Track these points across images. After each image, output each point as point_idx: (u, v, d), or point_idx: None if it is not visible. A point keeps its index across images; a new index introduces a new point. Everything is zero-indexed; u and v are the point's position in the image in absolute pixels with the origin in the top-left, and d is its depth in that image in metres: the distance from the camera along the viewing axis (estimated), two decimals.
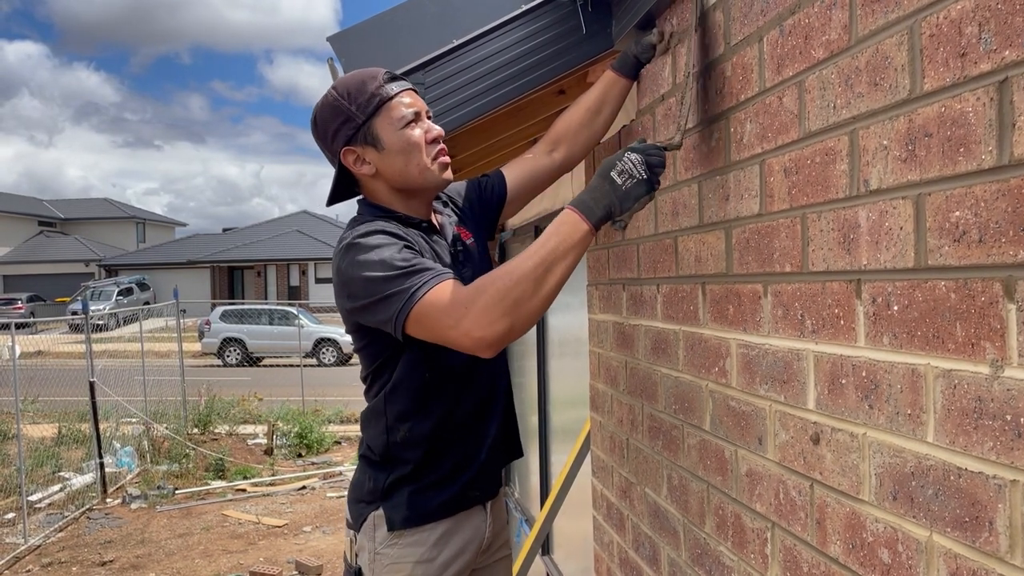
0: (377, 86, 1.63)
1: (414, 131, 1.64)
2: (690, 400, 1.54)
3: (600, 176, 1.43)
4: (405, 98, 1.65)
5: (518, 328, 1.43)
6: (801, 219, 1.12)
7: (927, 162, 0.86)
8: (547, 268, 1.41)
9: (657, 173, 1.43)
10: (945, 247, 0.84)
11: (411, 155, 1.64)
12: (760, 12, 1.23)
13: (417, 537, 1.69)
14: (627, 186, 1.40)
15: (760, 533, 1.26)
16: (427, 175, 1.67)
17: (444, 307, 1.44)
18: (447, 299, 1.45)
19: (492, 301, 1.41)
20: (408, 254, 1.54)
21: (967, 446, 0.81)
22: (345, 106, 1.63)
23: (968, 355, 0.81)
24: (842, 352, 1.03)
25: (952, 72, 0.82)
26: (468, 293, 1.45)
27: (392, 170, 1.66)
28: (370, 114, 1.62)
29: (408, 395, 1.67)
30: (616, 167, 1.41)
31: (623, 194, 1.40)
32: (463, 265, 1.75)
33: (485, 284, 1.44)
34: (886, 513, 0.94)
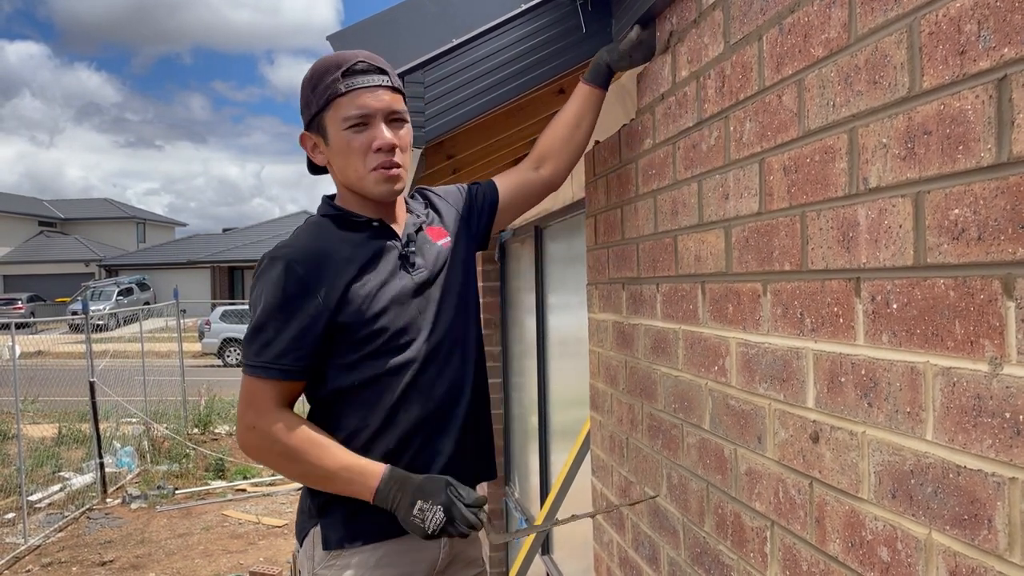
0: (333, 79, 1.55)
1: (358, 135, 1.57)
2: (690, 399, 1.54)
3: (416, 490, 1.53)
4: (362, 97, 1.56)
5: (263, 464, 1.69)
6: (800, 218, 1.12)
7: (926, 160, 0.86)
8: (317, 480, 1.59)
9: (443, 534, 1.53)
10: (944, 245, 0.84)
11: (348, 159, 1.59)
12: (760, 11, 1.23)
13: (356, 559, 1.60)
14: (414, 520, 1.51)
15: (759, 532, 1.26)
16: (363, 184, 1.61)
17: (248, 404, 1.58)
18: (253, 404, 1.58)
19: (265, 447, 1.58)
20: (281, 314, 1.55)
21: (966, 444, 0.81)
22: (307, 91, 1.61)
23: (967, 353, 0.81)
24: (841, 350, 1.03)
25: (951, 70, 0.82)
26: (262, 419, 1.56)
27: (336, 167, 1.64)
28: (321, 106, 1.58)
29: (340, 405, 1.62)
30: (427, 503, 1.52)
31: (406, 520, 1.52)
32: (414, 267, 1.67)
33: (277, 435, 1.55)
34: (885, 511, 0.94)
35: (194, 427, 12.33)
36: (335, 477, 1.55)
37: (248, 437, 1.59)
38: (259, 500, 9.29)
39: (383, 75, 1.60)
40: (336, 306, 1.57)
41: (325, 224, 1.67)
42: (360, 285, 1.59)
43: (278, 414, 1.57)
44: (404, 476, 1.55)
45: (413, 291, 1.65)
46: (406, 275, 1.66)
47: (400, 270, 1.65)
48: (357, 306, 1.58)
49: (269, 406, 1.57)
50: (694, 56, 1.49)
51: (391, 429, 1.61)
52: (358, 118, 1.56)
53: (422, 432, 1.64)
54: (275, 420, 1.56)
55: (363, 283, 1.60)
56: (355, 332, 1.59)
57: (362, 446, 1.60)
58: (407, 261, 1.67)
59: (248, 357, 1.58)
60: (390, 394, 1.61)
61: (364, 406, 1.61)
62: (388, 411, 1.61)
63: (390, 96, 1.60)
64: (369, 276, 1.61)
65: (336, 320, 1.57)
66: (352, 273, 1.59)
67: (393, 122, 1.60)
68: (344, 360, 1.60)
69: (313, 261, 1.58)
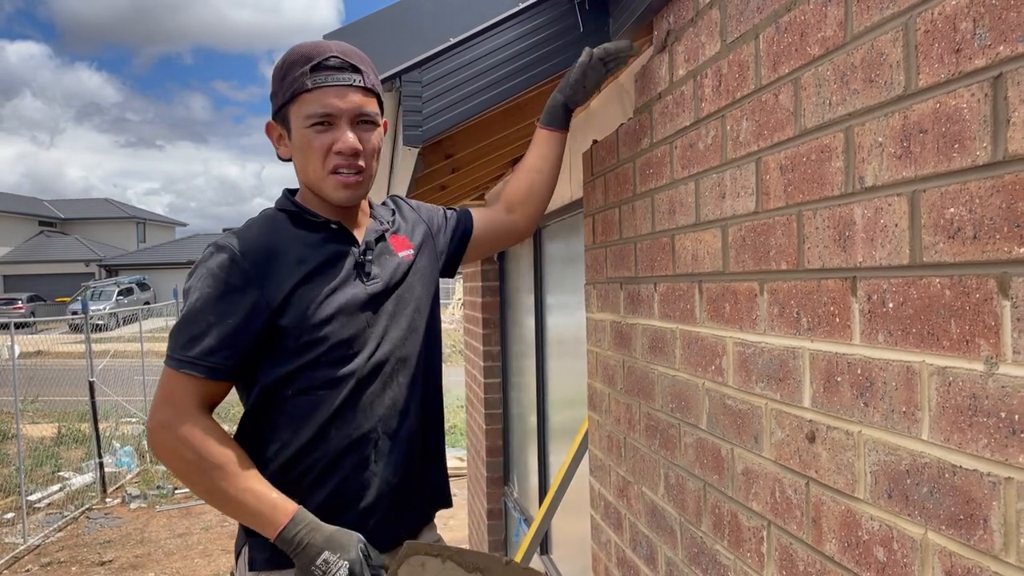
0: (301, 72, 1.47)
1: (320, 134, 1.49)
2: (687, 399, 1.54)
3: (322, 542, 1.42)
4: (328, 96, 1.47)
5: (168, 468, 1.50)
6: (797, 217, 1.12)
7: (922, 159, 0.86)
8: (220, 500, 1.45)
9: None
10: (940, 244, 0.83)
11: (308, 158, 1.51)
12: (756, 9, 1.23)
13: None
14: (313, 572, 1.41)
15: (756, 532, 1.26)
16: (321, 186, 1.53)
17: (165, 400, 1.47)
18: (172, 397, 1.46)
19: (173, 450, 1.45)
20: (215, 308, 1.45)
21: (961, 443, 0.81)
22: (276, 80, 1.53)
23: (962, 352, 0.80)
24: (837, 350, 1.02)
25: (947, 68, 0.82)
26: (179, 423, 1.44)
27: (296, 163, 1.57)
28: (286, 99, 1.50)
29: (272, 415, 1.52)
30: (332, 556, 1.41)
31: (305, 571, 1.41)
32: (368, 276, 1.58)
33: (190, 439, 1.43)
34: (881, 511, 0.94)
35: None
36: (241, 503, 1.44)
37: (159, 435, 1.46)
38: None
39: (356, 73, 1.50)
40: (279, 307, 1.47)
41: (280, 219, 1.57)
42: (308, 288, 1.50)
43: (197, 417, 1.45)
44: (315, 522, 1.44)
45: (364, 302, 1.56)
46: (359, 284, 1.56)
47: (353, 279, 1.56)
48: (302, 310, 1.49)
49: (189, 406, 1.45)
50: (691, 55, 1.49)
51: (322, 445, 1.52)
52: (321, 117, 1.48)
53: (356, 452, 1.54)
54: (193, 423, 1.44)
55: (311, 287, 1.50)
56: (295, 338, 1.49)
57: (289, 459, 1.51)
58: (362, 270, 1.58)
59: (174, 349, 1.47)
60: (325, 408, 1.51)
61: (296, 418, 1.51)
62: (320, 426, 1.51)
63: (360, 97, 1.51)
64: (319, 280, 1.51)
65: (277, 323, 1.48)
66: (301, 275, 1.50)
67: (361, 124, 1.52)
68: (280, 367, 1.50)
69: (261, 256, 1.48)
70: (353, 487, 1.54)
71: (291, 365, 1.50)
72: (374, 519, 1.56)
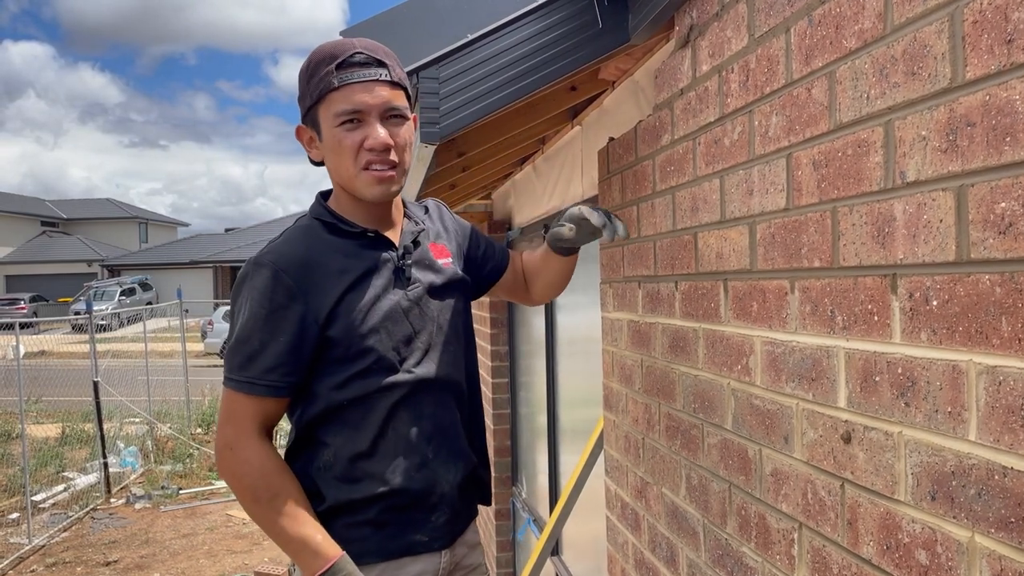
0: (327, 71, 1.45)
1: (350, 132, 1.46)
2: (710, 399, 1.52)
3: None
4: (356, 92, 1.45)
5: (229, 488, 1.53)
6: (832, 213, 1.10)
7: (970, 152, 0.84)
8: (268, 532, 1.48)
9: None
10: (990, 240, 0.81)
11: (340, 157, 1.49)
12: (787, 2, 1.21)
13: None
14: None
15: (786, 534, 1.24)
16: (354, 184, 1.51)
17: (228, 422, 1.49)
18: (234, 418, 1.48)
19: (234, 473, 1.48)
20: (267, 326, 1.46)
21: (1013, 444, 0.79)
22: (303, 82, 1.51)
23: (1014, 351, 0.78)
24: (876, 349, 1.00)
25: (997, 59, 0.80)
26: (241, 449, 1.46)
27: (328, 164, 1.54)
28: (314, 100, 1.48)
29: (327, 424, 1.53)
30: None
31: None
32: (409, 281, 1.57)
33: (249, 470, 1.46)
34: (924, 513, 0.92)
35: (197, 427, 12.31)
36: (289, 537, 1.46)
37: (224, 456, 1.48)
38: None
39: (382, 68, 1.48)
40: (326, 319, 1.47)
41: (316, 228, 1.56)
42: (353, 298, 1.50)
43: (257, 441, 1.48)
44: (354, 570, 1.45)
45: (408, 308, 1.56)
46: (400, 291, 1.56)
47: (395, 285, 1.55)
48: (349, 320, 1.48)
49: (250, 428, 1.48)
50: (716, 50, 1.47)
51: (380, 450, 1.52)
52: (350, 114, 1.45)
53: (414, 454, 1.55)
54: (253, 448, 1.47)
55: (355, 296, 1.50)
56: (345, 348, 1.49)
57: (347, 467, 1.52)
58: (402, 275, 1.57)
59: (231, 371, 1.48)
60: (379, 413, 1.52)
61: (351, 426, 1.52)
62: (378, 431, 1.52)
63: (388, 91, 1.48)
64: (362, 289, 1.51)
65: (326, 334, 1.48)
66: (345, 285, 1.50)
67: (391, 119, 1.49)
68: (332, 377, 1.50)
69: (303, 270, 1.48)
70: (416, 487, 1.55)
71: (343, 375, 1.50)
72: (438, 516, 1.57)
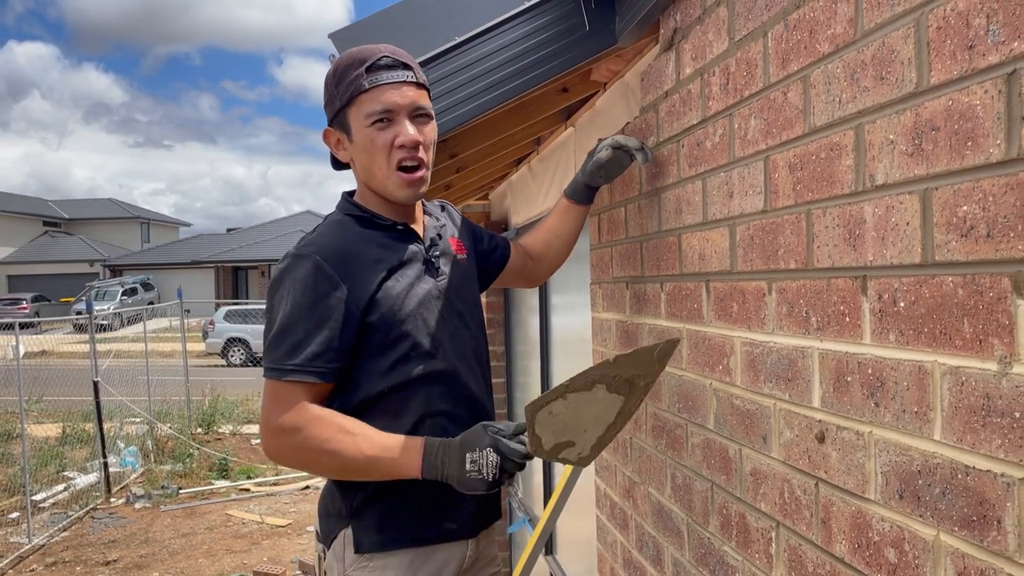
0: (357, 74, 1.53)
1: (382, 131, 1.53)
2: (694, 399, 1.53)
3: (460, 447, 1.48)
4: (386, 93, 1.52)
5: (298, 470, 1.53)
6: (806, 215, 1.11)
7: (934, 156, 0.85)
8: (358, 470, 1.50)
9: (506, 478, 1.48)
10: (952, 242, 0.83)
11: (372, 156, 1.56)
12: (765, 7, 1.22)
13: (387, 561, 1.56)
14: (471, 476, 1.45)
15: (765, 532, 1.25)
16: (386, 184, 1.57)
17: (278, 410, 1.49)
18: (286, 409, 1.48)
19: (299, 450, 1.49)
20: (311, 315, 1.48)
21: (975, 444, 0.80)
22: (331, 86, 1.58)
23: (976, 352, 0.80)
24: (847, 349, 1.02)
25: (960, 65, 0.81)
26: (297, 423, 1.47)
27: (359, 165, 1.61)
28: (345, 102, 1.55)
29: (367, 414, 1.55)
30: (474, 453, 1.46)
31: (464, 480, 1.46)
32: (438, 272, 1.65)
33: (313, 431, 1.47)
34: (892, 512, 0.93)
35: (198, 427, 12.33)
36: (377, 461, 1.48)
37: (277, 442, 1.50)
38: (263, 500, 9.28)
39: (408, 70, 1.56)
40: (366, 307, 1.53)
41: (348, 223, 1.62)
42: (390, 286, 1.55)
43: (308, 411, 1.49)
44: (443, 440, 1.50)
45: (438, 297, 1.62)
46: (431, 280, 1.63)
47: (425, 275, 1.62)
48: (388, 307, 1.54)
49: (285, 412, 1.49)
50: (698, 53, 1.48)
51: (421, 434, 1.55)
52: (381, 114, 1.53)
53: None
54: (306, 418, 1.48)
55: (392, 284, 1.56)
56: (384, 334, 1.54)
57: None
58: (431, 266, 1.64)
59: (275, 360, 1.50)
60: (420, 401, 1.57)
61: (392, 413, 1.56)
62: (418, 418, 1.57)
63: (415, 92, 1.56)
64: (397, 277, 1.57)
65: (366, 321, 1.53)
66: (381, 273, 1.55)
67: (418, 117, 1.57)
68: (372, 364, 1.55)
69: (341, 259, 1.53)
70: None
71: (383, 362, 1.55)
72: (468, 504, 1.61)
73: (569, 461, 1.49)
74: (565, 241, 1.95)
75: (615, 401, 1.44)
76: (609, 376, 1.41)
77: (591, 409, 1.44)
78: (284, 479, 10.19)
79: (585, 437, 1.47)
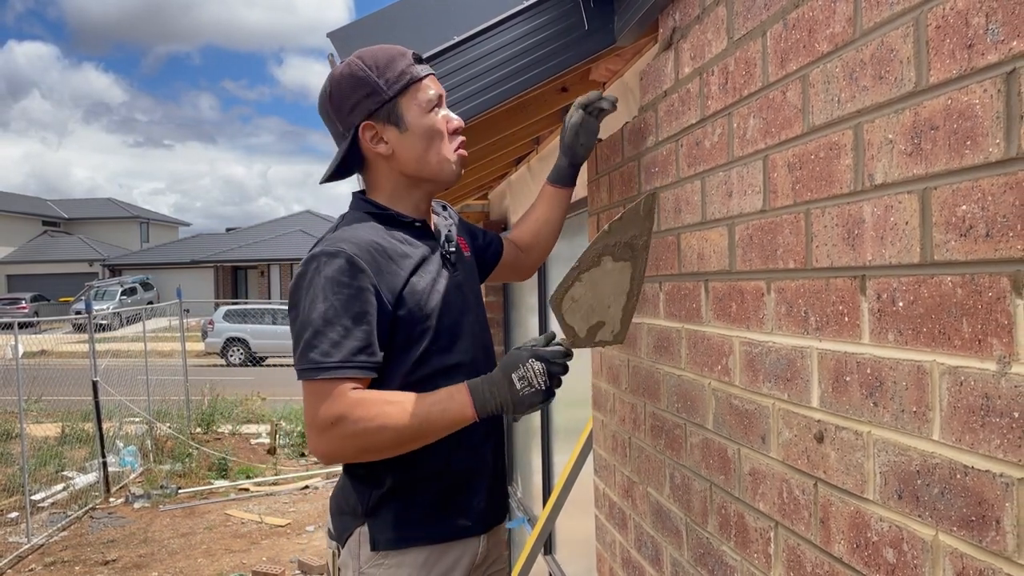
0: (408, 64, 1.60)
1: (438, 116, 1.62)
2: (692, 399, 1.53)
3: (502, 371, 1.49)
4: (434, 82, 1.64)
5: (356, 460, 1.53)
6: (805, 215, 1.11)
7: (933, 156, 0.85)
8: (415, 437, 1.49)
9: (557, 383, 1.49)
10: (951, 242, 0.82)
11: (432, 141, 1.62)
12: (764, 6, 1.22)
13: (402, 559, 1.58)
14: (524, 393, 1.47)
15: (763, 532, 1.25)
16: (444, 167, 1.64)
17: (321, 407, 1.46)
18: (329, 403, 1.46)
19: (353, 436, 1.46)
20: (344, 310, 1.47)
21: (974, 444, 0.80)
22: (372, 79, 1.58)
23: (975, 352, 0.79)
24: (846, 349, 1.01)
25: (959, 64, 0.81)
26: (343, 412, 1.45)
27: (409, 154, 1.62)
28: (398, 91, 1.58)
29: None
30: (519, 370, 1.47)
31: (519, 400, 1.47)
32: (455, 268, 1.70)
33: (359, 416, 1.45)
34: (891, 512, 0.93)
35: (197, 426, 12.34)
36: (429, 420, 1.47)
37: (327, 439, 1.47)
38: (262, 500, 9.29)
39: (429, 67, 1.67)
40: (396, 301, 1.55)
41: (369, 220, 1.63)
42: (416, 280, 1.58)
43: (347, 397, 1.47)
44: (484, 376, 1.52)
45: (455, 291, 1.67)
46: (448, 275, 1.67)
47: (443, 270, 1.66)
48: (415, 301, 1.57)
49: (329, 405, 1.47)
50: (697, 52, 1.48)
51: None
52: (436, 100, 1.62)
53: (471, 437, 1.62)
54: (347, 404, 1.46)
55: (418, 279, 1.59)
56: (411, 327, 1.57)
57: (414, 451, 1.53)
58: (448, 262, 1.69)
59: (314, 360, 1.47)
60: None
61: None
62: None
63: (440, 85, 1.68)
64: (421, 272, 1.61)
65: (396, 314, 1.55)
66: (408, 269, 1.58)
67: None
68: (400, 357, 1.57)
69: (372, 255, 1.53)
70: (473, 470, 1.65)
71: (410, 356, 1.57)
72: (479, 500, 1.66)
73: (606, 342, 1.54)
74: (552, 228, 1.99)
75: (624, 268, 1.52)
76: (610, 246, 1.49)
77: (606, 283, 1.51)
78: (283, 479, 10.20)
79: (611, 313, 1.53)
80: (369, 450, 1.50)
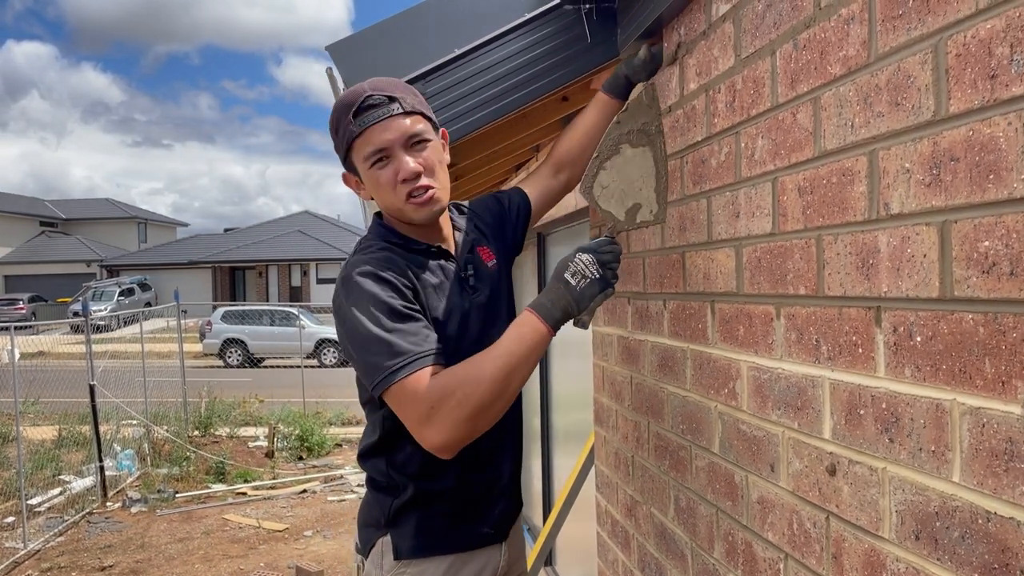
0: (347, 121, 1.55)
1: (383, 170, 1.55)
2: (698, 421, 1.50)
3: (555, 278, 1.48)
4: (375, 133, 1.53)
5: (479, 431, 1.46)
6: (816, 241, 1.08)
7: (953, 188, 0.82)
8: (509, 373, 1.45)
9: (613, 269, 1.47)
10: (973, 278, 0.79)
11: (381, 194, 1.58)
12: (773, 25, 1.19)
13: (424, 567, 1.61)
14: (581, 287, 1.45)
15: (772, 563, 1.22)
16: (403, 214, 1.60)
17: (414, 402, 1.43)
18: (419, 394, 1.43)
19: (456, 407, 1.41)
20: (394, 316, 1.47)
21: (996, 489, 0.77)
22: (333, 135, 1.62)
23: (998, 393, 0.76)
24: (860, 382, 0.98)
25: (981, 94, 0.78)
26: (436, 393, 1.42)
27: (377, 201, 1.63)
28: (346, 150, 1.59)
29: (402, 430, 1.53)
30: (569, 268, 1.46)
31: (578, 295, 1.46)
32: (474, 290, 1.68)
33: (452, 386, 1.42)
34: (908, 553, 0.90)
35: (195, 429, 12.28)
36: (513, 357, 1.44)
37: (435, 427, 1.43)
38: (259, 504, 9.24)
39: (393, 103, 1.54)
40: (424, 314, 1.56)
41: (387, 248, 1.62)
42: (434, 304, 1.59)
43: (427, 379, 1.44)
44: (540, 295, 1.50)
45: (474, 313, 1.66)
46: (467, 296, 1.66)
47: (461, 293, 1.65)
48: (433, 323, 1.56)
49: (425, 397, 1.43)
50: (703, 69, 1.45)
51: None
52: (376, 154, 1.53)
53: (489, 448, 1.63)
54: (433, 387, 1.43)
55: (435, 302, 1.59)
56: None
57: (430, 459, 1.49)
58: (467, 284, 1.68)
59: (387, 368, 1.44)
60: None
61: None
62: None
63: (404, 122, 1.54)
64: (439, 296, 1.61)
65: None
66: (427, 292, 1.59)
67: (414, 146, 1.55)
68: None
69: (397, 271, 1.54)
70: (486, 478, 1.67)
71: None
72: (497, 507, 1.69)
73: (648, 222, 1.58)
74: (594, 139, 1.85)
75: (644, 153, 1.59)
76: (624, 134, 1.57)
77: (631, 168, 1.58)
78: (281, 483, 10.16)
79: (644, 195, 1.59)
80: (477, 413, 1.43)
